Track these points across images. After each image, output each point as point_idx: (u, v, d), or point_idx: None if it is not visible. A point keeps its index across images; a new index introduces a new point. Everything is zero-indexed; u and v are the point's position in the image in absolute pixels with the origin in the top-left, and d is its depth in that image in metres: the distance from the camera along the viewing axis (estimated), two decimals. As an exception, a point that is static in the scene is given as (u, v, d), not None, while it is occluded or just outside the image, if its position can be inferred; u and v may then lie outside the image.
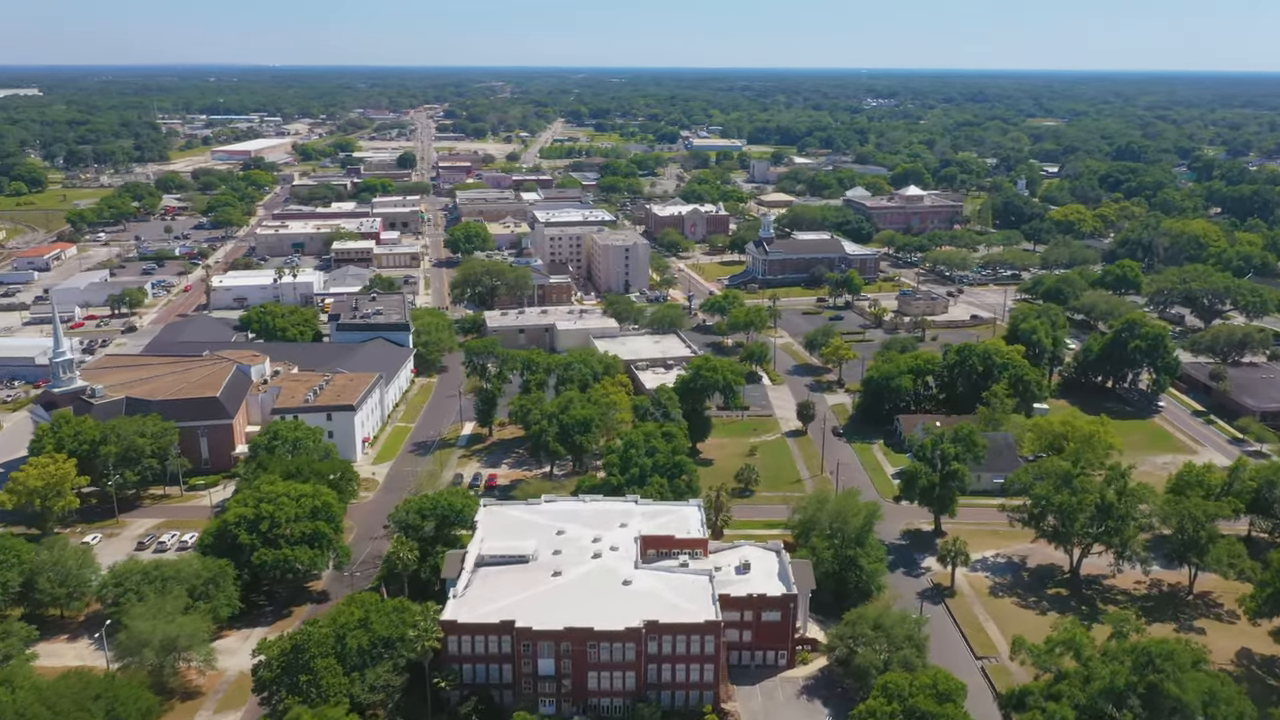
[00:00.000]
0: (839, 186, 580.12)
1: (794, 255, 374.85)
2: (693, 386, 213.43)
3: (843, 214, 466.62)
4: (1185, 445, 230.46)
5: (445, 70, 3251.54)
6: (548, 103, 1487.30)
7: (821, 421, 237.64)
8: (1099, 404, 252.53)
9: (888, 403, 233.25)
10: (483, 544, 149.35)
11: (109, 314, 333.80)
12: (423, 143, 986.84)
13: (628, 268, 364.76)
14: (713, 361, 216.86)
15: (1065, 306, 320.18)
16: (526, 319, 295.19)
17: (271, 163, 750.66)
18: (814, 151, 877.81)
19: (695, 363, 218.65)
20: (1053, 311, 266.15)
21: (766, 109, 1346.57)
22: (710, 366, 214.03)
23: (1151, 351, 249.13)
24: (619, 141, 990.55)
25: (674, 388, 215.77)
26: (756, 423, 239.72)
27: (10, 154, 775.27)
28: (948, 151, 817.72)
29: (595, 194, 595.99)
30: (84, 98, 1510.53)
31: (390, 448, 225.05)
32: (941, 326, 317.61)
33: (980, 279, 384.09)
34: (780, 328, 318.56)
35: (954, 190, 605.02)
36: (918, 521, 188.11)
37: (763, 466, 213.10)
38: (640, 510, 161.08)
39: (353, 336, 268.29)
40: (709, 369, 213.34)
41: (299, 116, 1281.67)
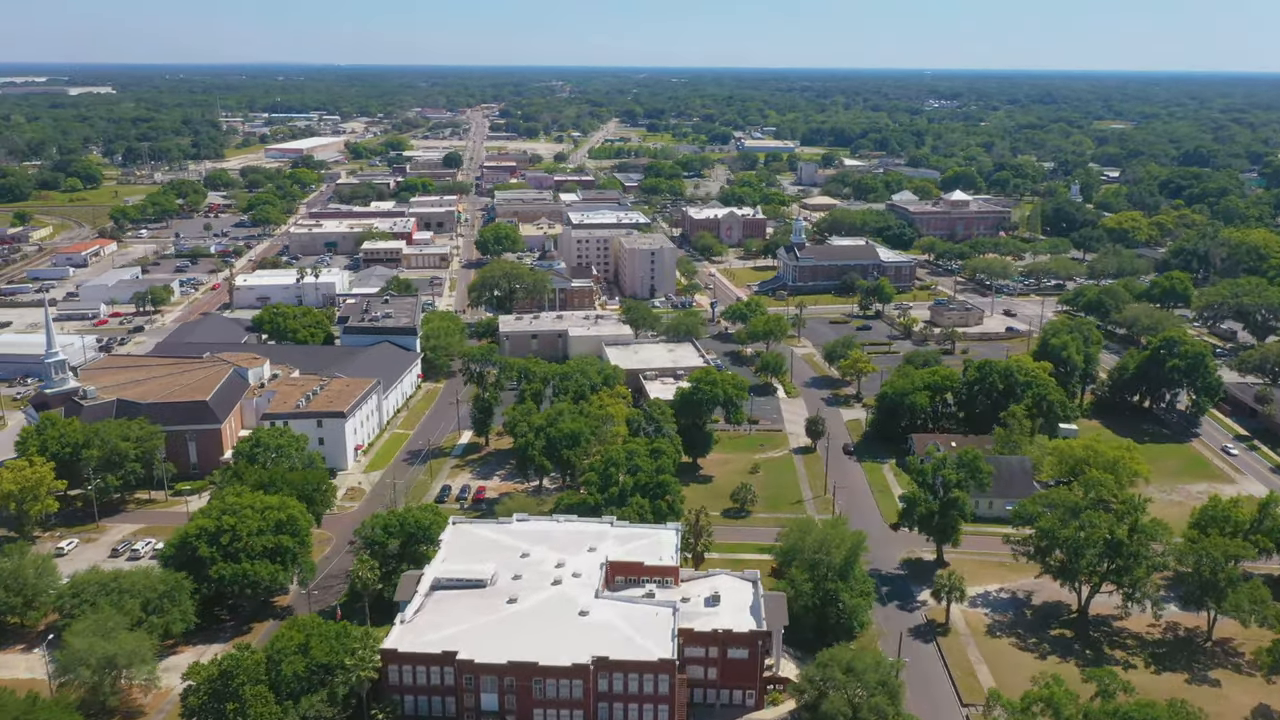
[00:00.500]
0: (885, 190, 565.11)
1: (825, 261, 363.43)
2: (692, 400, 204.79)
3: (884, 219, 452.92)
4: (1223, 473, 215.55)
5: (507, 70, 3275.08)
6: (603, 103, 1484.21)
7: (833, 438, 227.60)
8: (1134, 426, 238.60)
9: (902, 420, 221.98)
10: (442, 565, 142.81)
11: (134, 311, 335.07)
12: (475, 142, 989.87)
13: (653, 272, 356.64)
14: (713, 374, 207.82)
15: (1106, 320, 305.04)
16: (540, 324, 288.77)
17: (320, 161, 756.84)
18: (868, 153, 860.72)
19: (695, 375, 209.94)
20: (1086, 326, 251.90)
21: (823, 110, 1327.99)
22: (710, 380, 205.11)
23: (1191, 371, 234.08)
24: (671, 142, 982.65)
25: (672, 401, 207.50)
26: (765, 437, 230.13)
27: (72, 150, 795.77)
28: (1005, 155, 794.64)
29: (636, 195, 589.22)
30: (153, 96, 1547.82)
31: (385, 455, 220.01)
32: (973, 339, 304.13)
33: (1022, 289, 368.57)
34: (805, 337, 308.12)
35: (1006, 195, 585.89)
36: (920, 549, 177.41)
37: (764, 485, 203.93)
38: (614, 533, 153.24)
39: (360, 340, 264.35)
40: (708, 382, 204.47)
41: (357, 115, 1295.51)
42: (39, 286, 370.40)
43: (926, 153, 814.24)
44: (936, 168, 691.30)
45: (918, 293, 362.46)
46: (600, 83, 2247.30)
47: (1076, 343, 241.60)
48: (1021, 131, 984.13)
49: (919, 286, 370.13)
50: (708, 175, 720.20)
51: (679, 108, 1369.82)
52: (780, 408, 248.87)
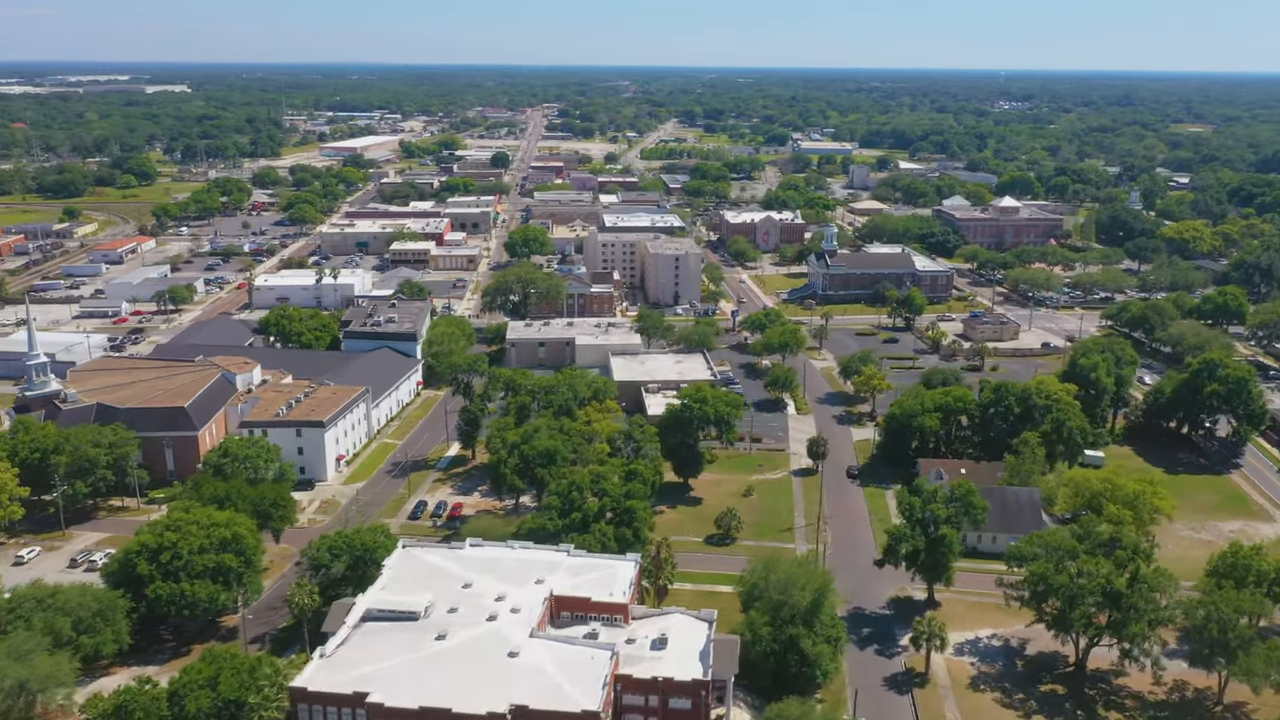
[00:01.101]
0: (935, 195, 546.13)
1: (857, 270, 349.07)
2: (681, 418, 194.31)
3: (928, 225, 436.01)
4: (1261, 510, 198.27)
5: (578, 69, 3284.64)
6: (664, 103, 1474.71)
7: (838, 459, 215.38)
8: (1168, 454, 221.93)
9: (911, 443, 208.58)
10: (378, 594, 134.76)
11: (154, 310, 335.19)
12: (529, 142, 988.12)
13: (677, 278, 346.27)
14: (704, 391, 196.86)
15: (1151, 338, 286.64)
16: (549, 331, 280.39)
17: (371, 160, 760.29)
18: (927, 156, 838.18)
19: (685, 392, 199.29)
20: (1119, 345, 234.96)
21: (887, 111, 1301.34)
22: (699, 397, 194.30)
23: (1232, 397, 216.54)
24: (727, 143, 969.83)
25: (661, 418, 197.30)
26: (765, 457, 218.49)
27: (134, 148, 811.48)
28: (1071, 159, 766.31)
29: (678, 198, 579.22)
30: (224, 94, 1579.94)
31: (369, 466, 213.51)
32: (1005, 355, 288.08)
33: (1066, 301, 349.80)
34: (827, 349, 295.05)
35: (1064, 201, 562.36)
36: (911, 587, 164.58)
37: (755, 510, 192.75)
38: (569, 563, 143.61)
39: (361, 345, 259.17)
40: (697, 400, 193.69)
41: (417, 114, 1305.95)
42: (71, 283, 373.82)
43: (988, 156, 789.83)
44: (995, 171, 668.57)
45: (954, 304, 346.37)
46: (667, 83, 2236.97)
47: (1107, 363, 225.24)
48: (1091, 135, 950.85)
49: (956, 297, 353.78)
50: (758, 177, 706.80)
51: (740, 108, 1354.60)
52: (788, 425, 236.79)
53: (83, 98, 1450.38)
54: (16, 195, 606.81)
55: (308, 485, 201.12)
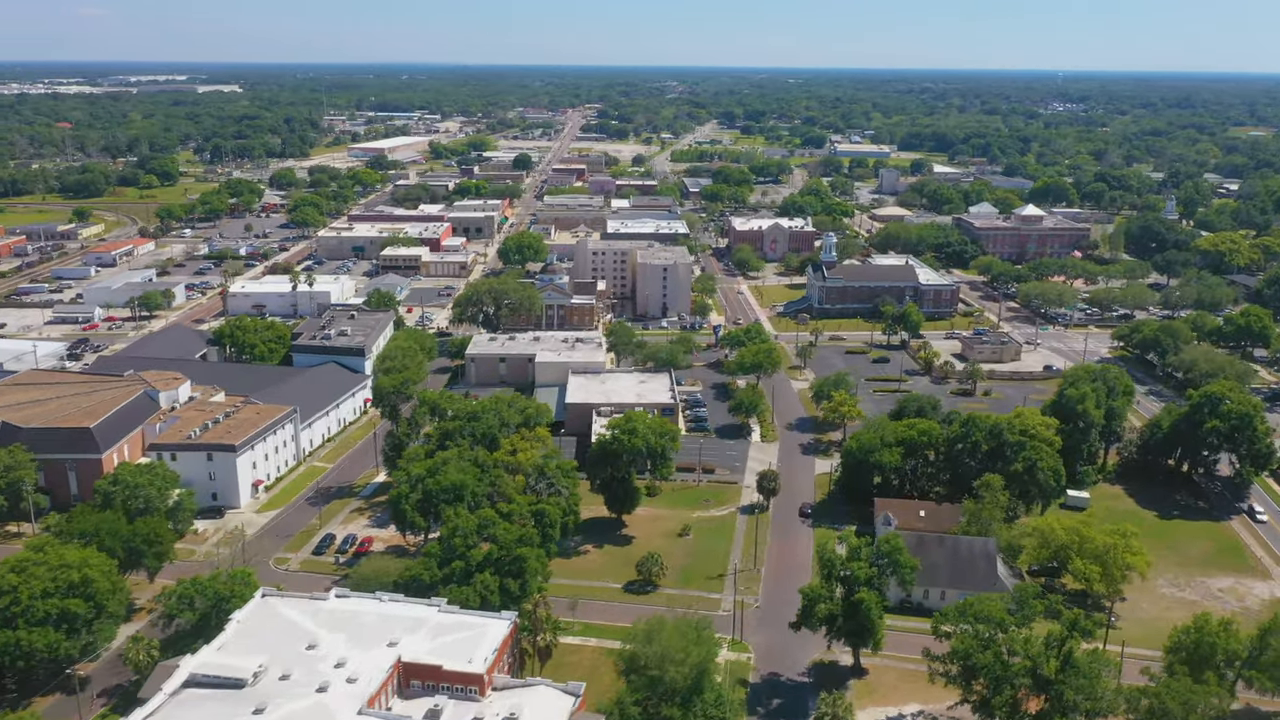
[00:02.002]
0: (962, 202, 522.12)
1: (856, 282, 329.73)
2: (610, 450, 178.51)
3: (944, 234, 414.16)
4: (1259, 565, 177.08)
5: (628, 69, 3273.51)
6: (706, 104, 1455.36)
7: (794, 495, 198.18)
8: (1164, 496, 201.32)
9: (869, 480, 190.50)
10: (210, 655, 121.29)
11: (127, 317, 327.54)
12: (561, 143, 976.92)
13: (665, 289, 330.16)
14: (634, 420, 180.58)
15: (1164, 361, 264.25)
16: (513, 346, 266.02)
17: (394, 161, 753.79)
18: (966, 160, 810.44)
19: (614, 423, 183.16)
20: (1112, 374, 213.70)
21: (933, 113, 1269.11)
22: (629, 428, 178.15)
23: (1234, 434, 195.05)
24: (763, 145, 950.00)
25: (595, 449, 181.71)
26: (715, 490, 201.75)
27: (164, 148, 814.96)
28: (1117, 163, 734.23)
29: (695, 202, 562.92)
30: (272, 94, 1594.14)
31: (290, 492, 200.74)
32: (1003, 378, 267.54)
33: (1081, 319, 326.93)
34: (812, 368, 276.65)
35: (1100, 209, 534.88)
36: (839, 650, 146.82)
37: (689, 552, 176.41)
38: (436, 621, 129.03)
39: (309, 359, 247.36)
40: (626, 430, 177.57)
41: (457, 114, 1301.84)
42: (55, 287, 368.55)
43: (1030, 160, 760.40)
44: (1033, 176, 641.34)
45: (959, 320, 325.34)
46: (715, 83, 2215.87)
47: (1097, 394, 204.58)
48: (1142, 138, 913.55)
49: (962, 312, 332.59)
50: (785, 181, 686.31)
51: (783, 109, 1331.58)
52: (749, 454, 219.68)
53: (134, 98, 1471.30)
54: (38, 195, 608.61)
55: (217, 513, 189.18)
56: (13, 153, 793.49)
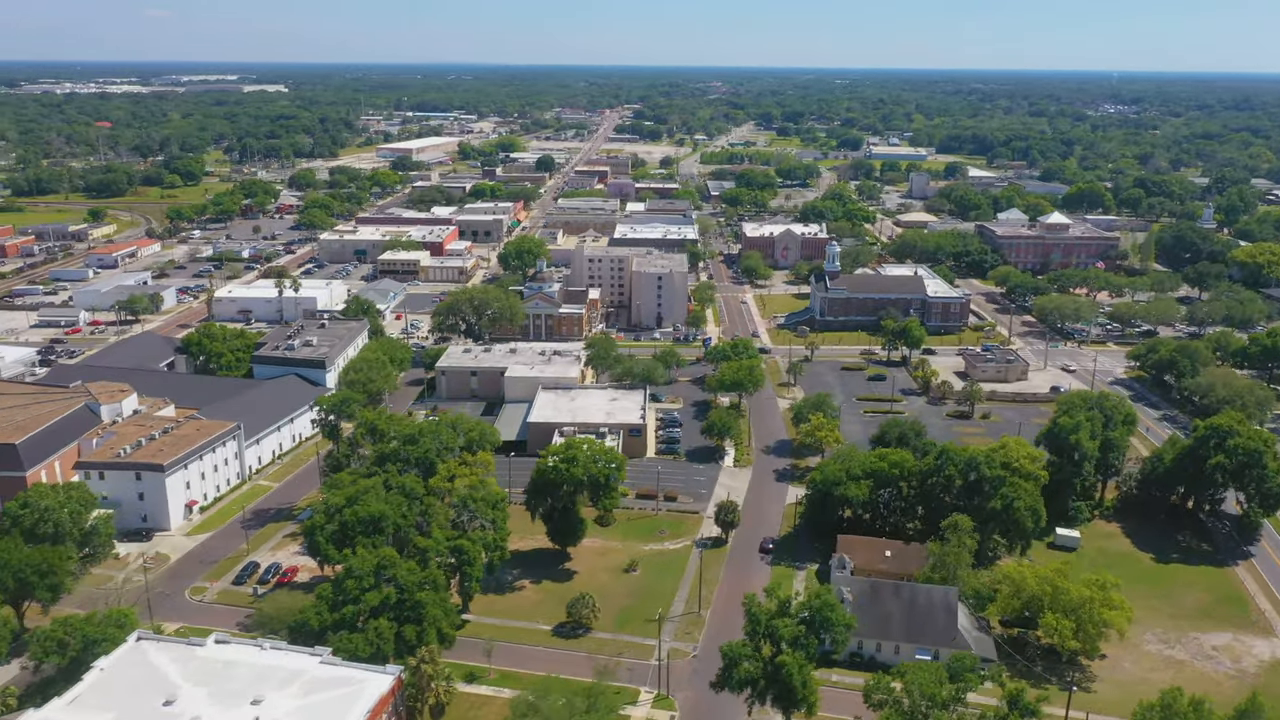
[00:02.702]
0: (990, 208, 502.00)
1: (860, 294, 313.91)
2: (548, 480, 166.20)
3: (964, 243, 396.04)
4: (1263, 619, 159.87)
5: (672, 70, 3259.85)
6: (744, 104, 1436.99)
7: (759, 527, 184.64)
8: (1164, 536, 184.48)
9: (834, 515, 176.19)
10: (58, 711, 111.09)
11: (111, 321, 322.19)
12: (593, 144, 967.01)
13: (660, 298, 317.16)
14: (574, 449, 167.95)
15: (1179, 385, 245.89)
16: (486, 359, 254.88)
17: (419, 162, 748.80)
18: (1004, 164, 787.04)
19: (552, 449, 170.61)
20: (1111, 401, 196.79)
21: (976, 114, 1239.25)
22: (569, 456, 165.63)
23: (1242, 472, 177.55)
24: (798, 147, 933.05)
25: (534, 477, 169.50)
26: (674, 521, 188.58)
27: (194, 147, 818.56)
28: (1162, 168, 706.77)
29: (715, 206, 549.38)
30: (314, 94, 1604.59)
31: (226, 514, 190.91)
32: (1004, 400, 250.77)
33: (1099, 335, 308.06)
34: (803, 386, 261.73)
35: (1137, 216, 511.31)
36: (774, 710, 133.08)
37: (632, 591, 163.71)
38: (314, 674, 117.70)
39: (271, 370, 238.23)
40: (565, 459, 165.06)
41: (493, 115, 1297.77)
42: (51, 288, 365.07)
43: (1072, 164, 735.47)
44: (1071, 180, 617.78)
45: (968, 334, 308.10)
46: (760, 84, 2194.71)
47: (1092, 424, 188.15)
48: (1192, 141, 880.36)
49: (973, 326, 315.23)
50: (813, 185, 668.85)
51: (823, 110, 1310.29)
52: (718, 480, 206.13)
53: (180, 97, 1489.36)
54: (62, 194, 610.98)
55: (144, 536, 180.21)
56: (48, 151, 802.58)
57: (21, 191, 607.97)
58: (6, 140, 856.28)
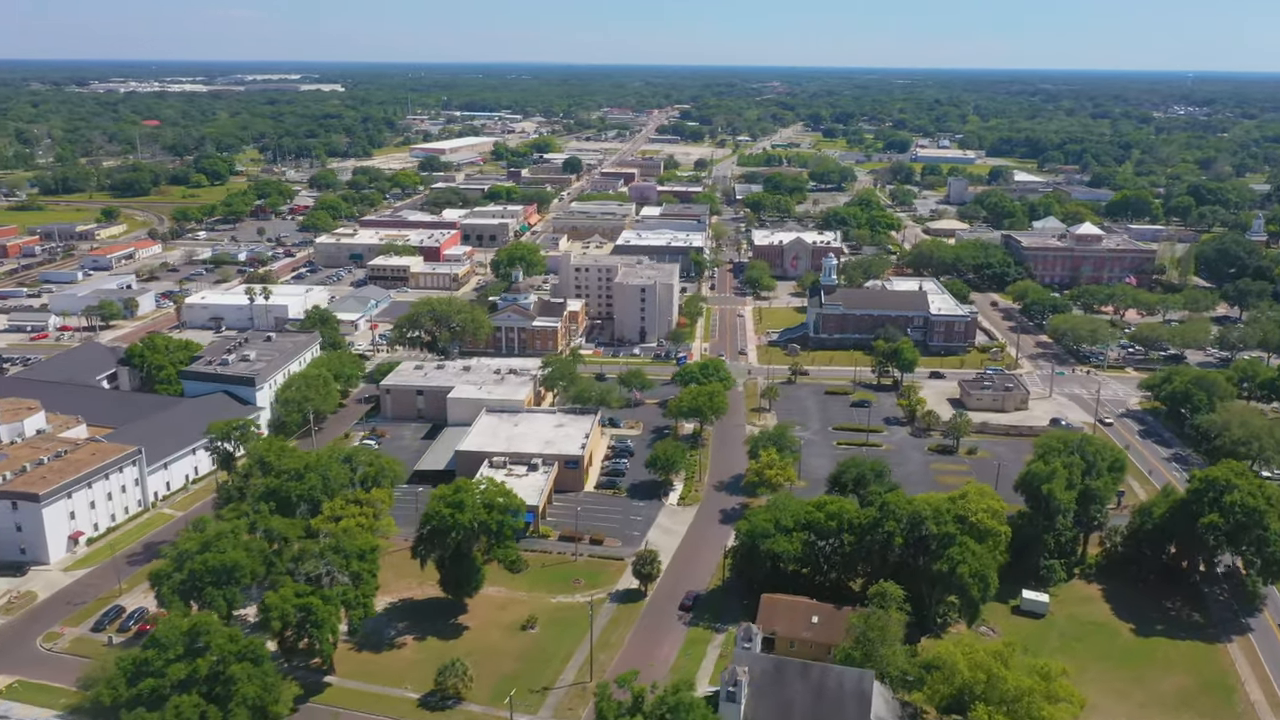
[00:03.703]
0: (1025, 216, 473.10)
1: (857, 310, 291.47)
2: (438, 529, 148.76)
3: (986, 254, 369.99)
4: (1254, 715, 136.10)
5: (730, 70, 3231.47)
6: (796, 105, 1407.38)
7: (686, 579, 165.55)
8: (1151, 603, 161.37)
9: (761, 572, 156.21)
10: None
11: (82, 326, 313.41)
12: (633, 145, 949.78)
13: (644, 312, 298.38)
14: (462, 493, 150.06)
15: (1191, 421, 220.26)
16: (436, 377, 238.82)
17: (448, 162, 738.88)
18: (1056, 167, 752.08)
19: (439, 492, 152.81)
20: (1095, 444, 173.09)
21: (1035, 116, 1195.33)
22: (454, 501, 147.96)
23: (1239, 534, 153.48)
24: (843, 149, 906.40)
25: (421, 523, 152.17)
26: (593, 568, 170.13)
27: (229, 146, 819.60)
28: (1226, 173, 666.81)
29: (738, 210, 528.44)
30: (367, 93, 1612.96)
31: (117, 546, 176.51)
32: (996, 432, 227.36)
33: (1119, 360, 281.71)
34: (779, 411, 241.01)
35: (1185, 225, 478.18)
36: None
37: (524, 653, 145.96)
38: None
39: (200, 387, 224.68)
40: (451, 504, 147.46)
41: (539, 114, 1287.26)
42: (36, 290, 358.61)
43: (1127, 168, 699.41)
44: (1121, 186, 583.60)
45: (973, 356, 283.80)
46: (820, 83, 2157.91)
47: (1071, 472, 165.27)
48: (1261, 145, 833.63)
49: (981, 346, 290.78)
50: (848, 189, 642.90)
51: (875, 111, 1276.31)
52: (657, 520, 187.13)
53: (236, 95, 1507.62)
54: (86, 194, 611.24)
55: (20, 571, 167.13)
56: (88, 149, 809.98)
57: (49, 190, 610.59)
58: (52, 138, 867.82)
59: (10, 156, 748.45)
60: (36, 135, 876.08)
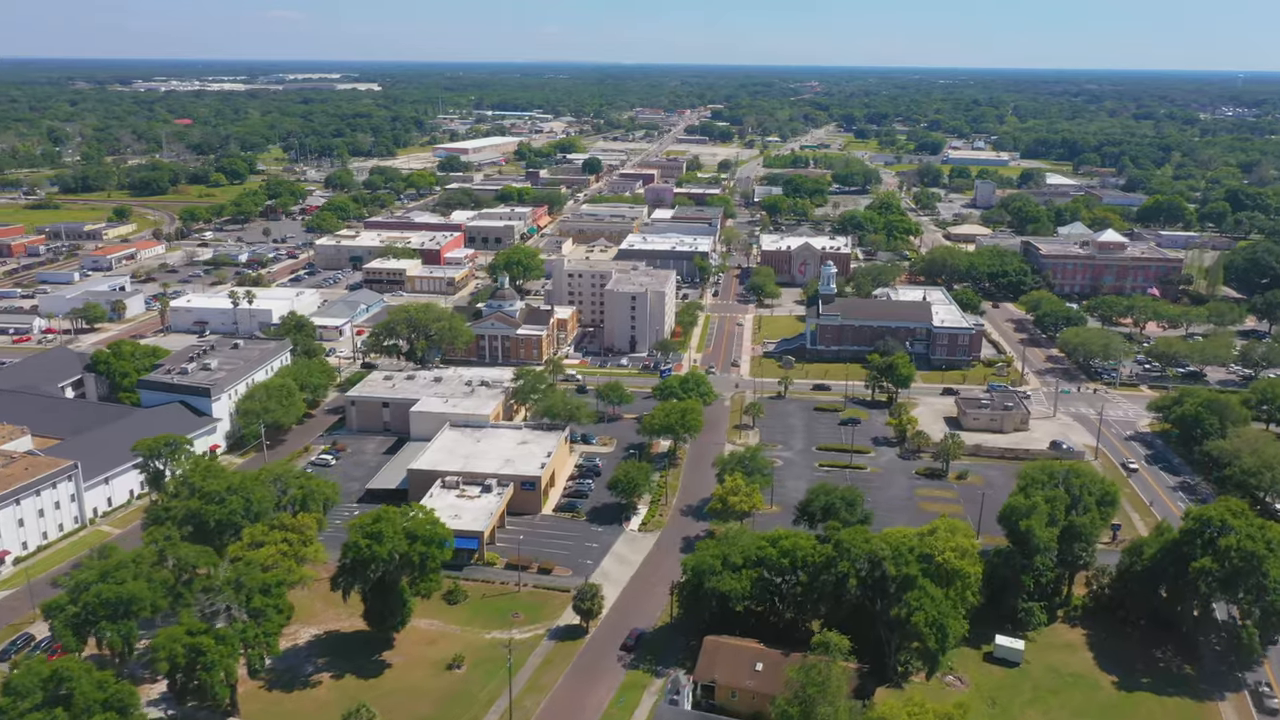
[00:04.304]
0: (1050, 221, 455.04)
1: (856, 321, 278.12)
2: (359, 560, 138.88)
3: (1001, 263, 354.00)
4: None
5: (768, 69, 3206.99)
6: (830, 105, 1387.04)
7: (638, 613, 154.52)
8: (1139, 652, 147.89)
9: (707, 610, 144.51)
10: None
11: (66, 329, 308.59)
12: (660, 145, 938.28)
13: (634, 321, 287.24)
14: (382, 523, 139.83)
15: (1200, 448, 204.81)
16: (405, 388, 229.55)
17: (468, 163, 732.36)
18: (1092, 170, 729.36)
19: (357, 522, 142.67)
20: (1078, 478, 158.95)
21: (1075, 116, 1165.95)
22: (372, 531, 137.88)
23: (1234, 581, 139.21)
24: (874, 150, 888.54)
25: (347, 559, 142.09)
26: (535, 601, 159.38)
27: (254, 145, 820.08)
28: (1268, 178, 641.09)
29: (752, 214, 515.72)
30: (401, 92, 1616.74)
31: (47, 565, 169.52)
32: (990, 455, 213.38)
33: (1135, 376, 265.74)
34: (763, 428, 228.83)
35: (1221, 234, 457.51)
36: None
37: (443, 697, 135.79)
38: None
39: (157, 398, 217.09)
40: (369, 535, 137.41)
41: (570, 114, 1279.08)
42: (30, 292, 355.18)
43: (1167, 171, 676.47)
44: (1157, 190, 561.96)
45: (978, 370, 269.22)
46: (856, 84, 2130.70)
47: (1052, 507, 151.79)
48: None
49: (987, 360, 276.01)
50: (874, 191, 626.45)
51: (911, 112, 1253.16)
52: (613, 547, 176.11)
53: (271, 95, 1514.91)
54: (104, 192, 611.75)
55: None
56: (116, 148, 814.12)
57: (69, 189, 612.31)
58: (83, 137, 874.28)
59: (38, 155, 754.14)
60: (69, 134, 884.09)
